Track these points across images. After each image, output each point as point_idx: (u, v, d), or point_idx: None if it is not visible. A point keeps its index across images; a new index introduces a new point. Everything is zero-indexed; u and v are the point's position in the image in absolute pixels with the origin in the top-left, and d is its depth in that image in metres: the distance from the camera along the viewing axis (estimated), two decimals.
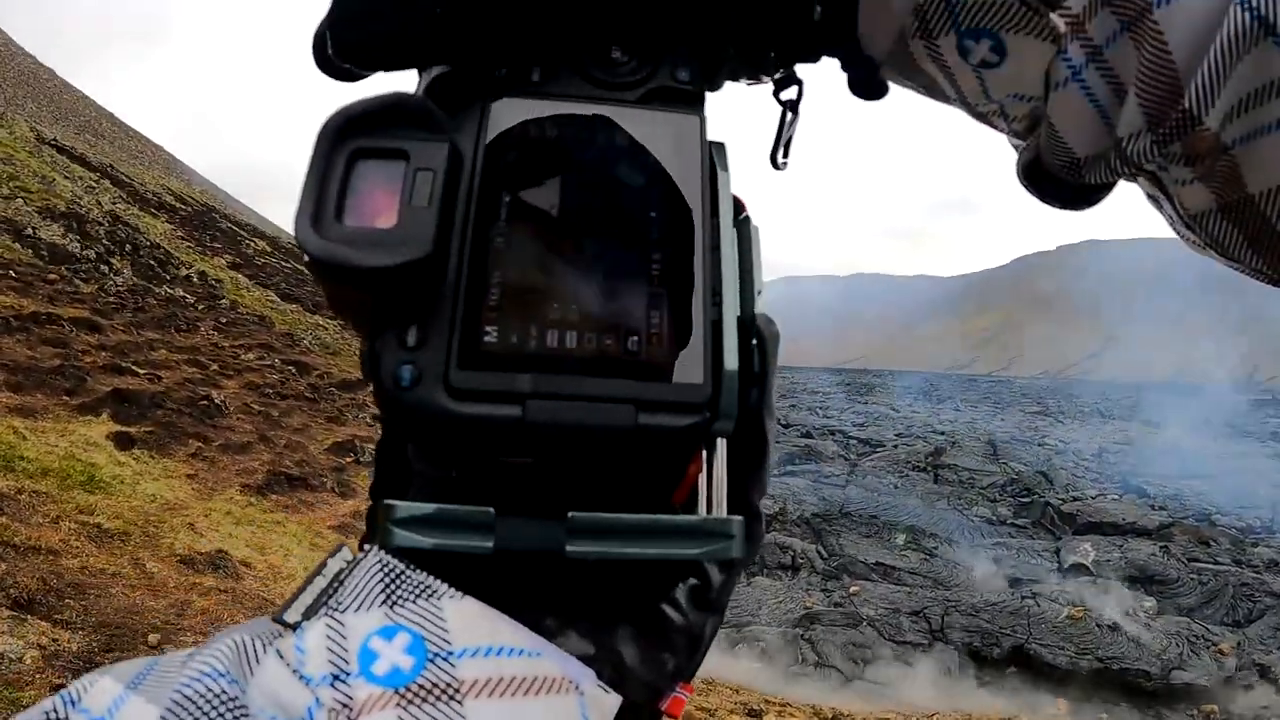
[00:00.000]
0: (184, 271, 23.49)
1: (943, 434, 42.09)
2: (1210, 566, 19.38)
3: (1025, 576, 18.66)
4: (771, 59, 0.58)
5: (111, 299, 17.50)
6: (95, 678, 0.41)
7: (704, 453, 0.47)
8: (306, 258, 0.42)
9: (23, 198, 21.11)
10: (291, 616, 0.41)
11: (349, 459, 13.14)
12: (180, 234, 29.46)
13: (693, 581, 0.49)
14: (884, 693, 14.16)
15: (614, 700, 0.43)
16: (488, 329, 0.43)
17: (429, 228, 0.42)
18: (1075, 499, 25.91)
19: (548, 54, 0.51)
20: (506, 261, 0.45)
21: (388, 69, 0.50)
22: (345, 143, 0.44)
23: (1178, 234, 0.61)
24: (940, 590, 17.72)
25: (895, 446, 35.17)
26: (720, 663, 14.10)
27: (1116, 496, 27.39)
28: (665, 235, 0.47)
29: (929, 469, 29.25)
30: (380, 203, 0.43)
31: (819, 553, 19.53)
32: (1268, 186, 0.51)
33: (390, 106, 0.45)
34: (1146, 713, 14.08)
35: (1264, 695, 14.29)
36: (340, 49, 0.50)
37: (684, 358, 0.45)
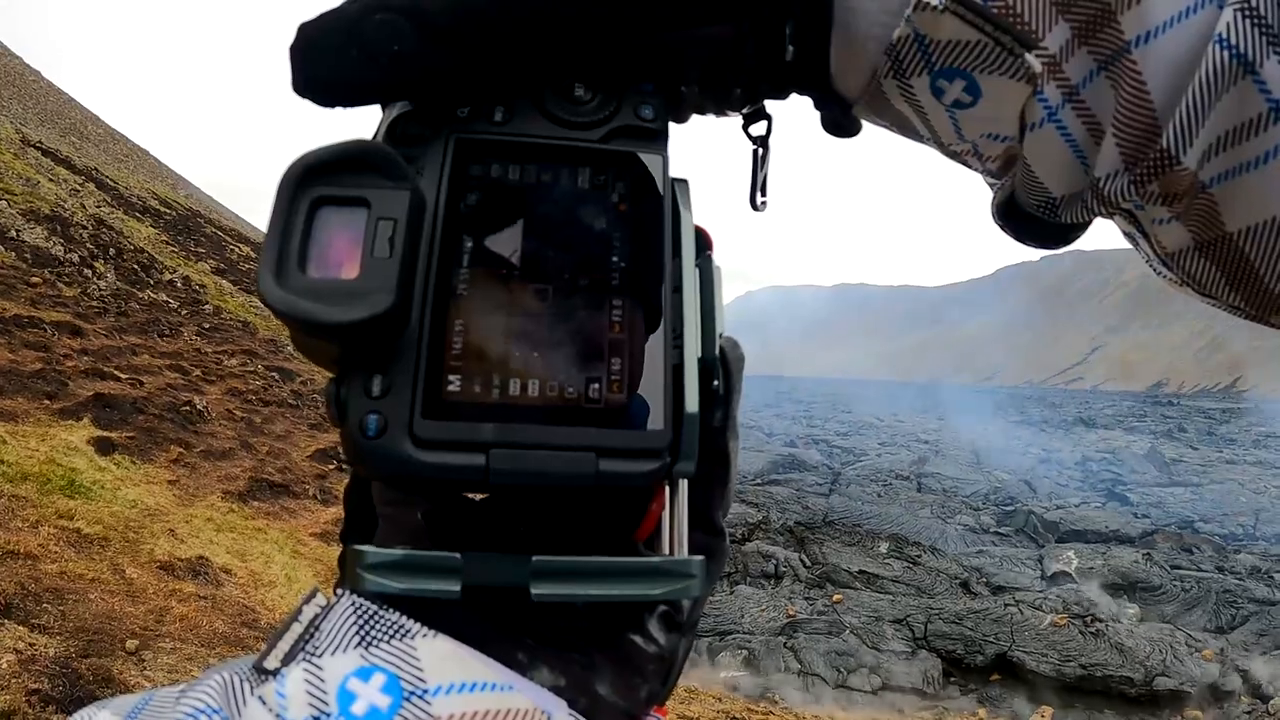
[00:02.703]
0: (167, 276, 23.39)
1: (926, 443, 42.26)
2: (1193, 573, 19.46)
3: (1008, 584, 18.70)
4: (738, 95, 0.58)
5: (94, 303, 17.42)
6: (94, 711, 0.43)
7: (666, 492, 0.48)
8: (269, 310, 0.41)
9: (6, 200, 20.99)
10: (271, 663, 0.42)
11: (331, 466, 13.09)
12: (164, 239, 29.35)
13: (662, 608, 0.51)
14: (867, 700, 14.17)
15: None
16: (451, 378, 0.44)
17: (391, 279, 0.42)
18: (1058, 507, 26.04)
19: (510, 92, 0.51)
20: (469, 309, 0.45)
21: (347, 105, 0.50)
22: (306, 191, 0.43)
23: (1154, 271, 0.61)
24: (923, 598, 17.75)
25: (879, 455, 35.30)
26: (703, 671, 14.10)
27: (1099, 504, 27.52)
28: (627, 278, 0.48)
29: (912, 477, 29.31)
30: (343, 252, 0.43)
31: (802, 561, 19.54)
32: (1246, 225, 0.52)
33: (351, 154, 0.44)
34: (1130, 719, 14.11)
35: (1247, 701, 14.34)
36: (300, 84, 0.50)
37: (645, 403, 0.45)
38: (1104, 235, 0.59)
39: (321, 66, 0.49)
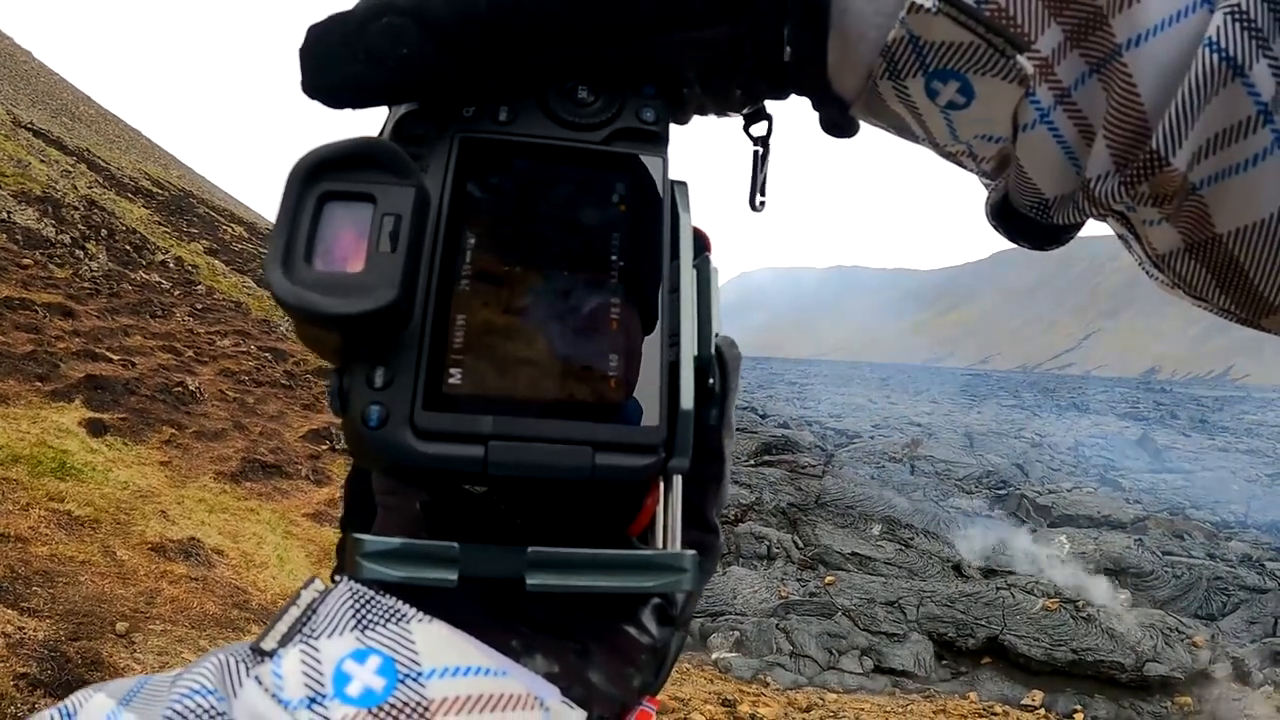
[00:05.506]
0: (160, 257, 23.32)
1: (919, 426, 42.37)
2: (1184, 560, 19.52)
3: (1000, 567, 18.76)
4: (738, 96, 0.59)
5: (86, 284, 17.36)
6: (89, 694, 0.44)
7: (661, 487, 0.49)
8: (276, 301, 0.43)
9: None
10: (268, 644, 0.44)
11: (324, 446, 13.09)
12: (157, 219, 29.26)
13: (656, 601, 0.52)
14: (859, 682, 14.22)
15: (578, 716, 0.45)
16: (452, 371, 0.45)
17: (395, 274, 0.44)
18: (1051, 491, 26.01)
19: (515, 93, 0.53)
20: (470, 304, 0.47)
21: (355, 106, 0.52)
22: (314, 186, 0.45)
23: (1146, 273, 0.62)
24: (915, 580, 17.81)
25: (872, 438, 35.33)
26: (695, 651, 14.15)
27: (1092, 489, 27.52)
28: (626, 277, 0.49)
29: (905, 460, 29.37)
30: (348, 247, 0.44)
31: (795, 542, 19.58)
32: (1235, 226, 0.52)
33: (359, 151, 0.46)
34: (1121, 704, 14.17)
35: (1237, 688, 14.42)
36: (309, 86, 0.51)
37: (641, 399, 0.47)
38: (1099, 222, 0.60)
39: (329, 69, 0.50)
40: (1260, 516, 25.85)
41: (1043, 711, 13.74)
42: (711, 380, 0.51)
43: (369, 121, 0.53)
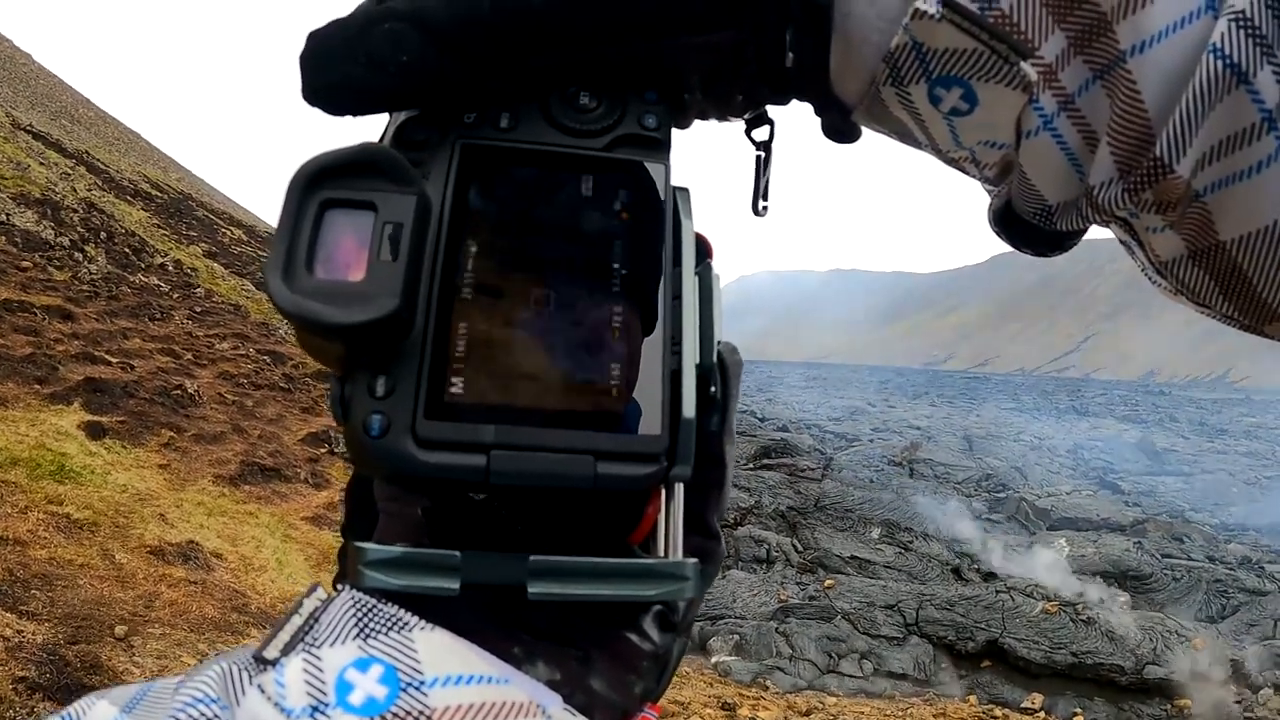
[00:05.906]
0: (159, 260, 23.31)
1: (919, 429, 42.39)
2: (1184, 562, 19.52)
3: (1000, 571, 18.75)
4: (740, 101, 0.59)
5: (85, 287, 17.34)
6: (92, 701, 0.44)
7: (662, 495, 0.48)
8: (277, 309, 0.43)
9: None
10: (270, 653, 0.43)
11: (323, 449, 13.08)
12: (156, 222, 29.23)
13: (658, 608, 0.52)
14: (858, 686, 14.22)
15: None
16: (454, 380, 0.45)
17: (396, 282, 0.44)
18: (1050, 494, 26.05)
19: (516, 99, 0.52)
20: (472, 313, 0.46)
21: (356, 113, 0.52)
22: (315, 193, 0.45)
23: (1150, 280, 0.62)
24: (915, 584, 17.80)
25: (871, 441, 35.38)
26: (694, 656, 14.14)
27: (1091, 492, 27.56)
28: (628, 284, 0.49)
29: (904, 463, 29.38)
30: (349, 255, 0.44)
31: (794, 546, 19.57)
32: (1239, 233, 0.52)
33: (360, 158, 0.45)
34: (1121, 707, 14.17)
35: (1237, 690, 14.41)
36: (309, 93, 0.51)
37: (643, 407, 0.46)
38: (1102, 228, 0.60)
39: (329, 75, 0.50)
40: (1260, 519, 25.89)
41: (1043, 714, 13.74)
42: (713, 387, 0.51)
43: (370, 128, 0.53)
